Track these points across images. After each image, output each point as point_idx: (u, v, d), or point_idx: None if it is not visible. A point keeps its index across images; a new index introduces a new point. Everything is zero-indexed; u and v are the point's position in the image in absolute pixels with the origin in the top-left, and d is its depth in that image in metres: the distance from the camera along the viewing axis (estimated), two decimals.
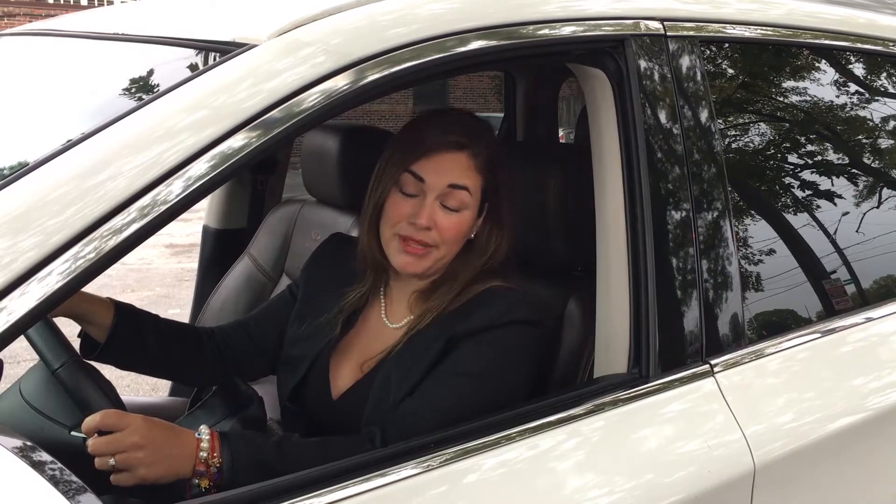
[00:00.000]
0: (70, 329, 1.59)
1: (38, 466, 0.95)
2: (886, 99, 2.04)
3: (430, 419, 1.39)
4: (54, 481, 0.93)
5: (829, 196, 1.87)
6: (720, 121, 1.64)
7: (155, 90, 1.21)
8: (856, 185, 1.96)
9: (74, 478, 0.96)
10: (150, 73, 1.33)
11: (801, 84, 1.91)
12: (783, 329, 1.66)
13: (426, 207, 1.49)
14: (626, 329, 1.44)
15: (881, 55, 1.98)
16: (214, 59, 1.21)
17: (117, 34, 1.53)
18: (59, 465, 0.97)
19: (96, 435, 1.29)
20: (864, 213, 1.93)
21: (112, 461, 1.27)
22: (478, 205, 1.54)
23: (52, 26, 1.75)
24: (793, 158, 1.91)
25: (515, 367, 1.48)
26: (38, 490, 0.92)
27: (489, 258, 1.56)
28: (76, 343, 1.63)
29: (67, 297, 1.02)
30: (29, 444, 1.00)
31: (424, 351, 1.48)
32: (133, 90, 1.32)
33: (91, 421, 1.30)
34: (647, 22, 1.49)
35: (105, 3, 18.29)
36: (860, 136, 2.04)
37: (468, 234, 1.55)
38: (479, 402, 1.42)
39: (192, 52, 1.31)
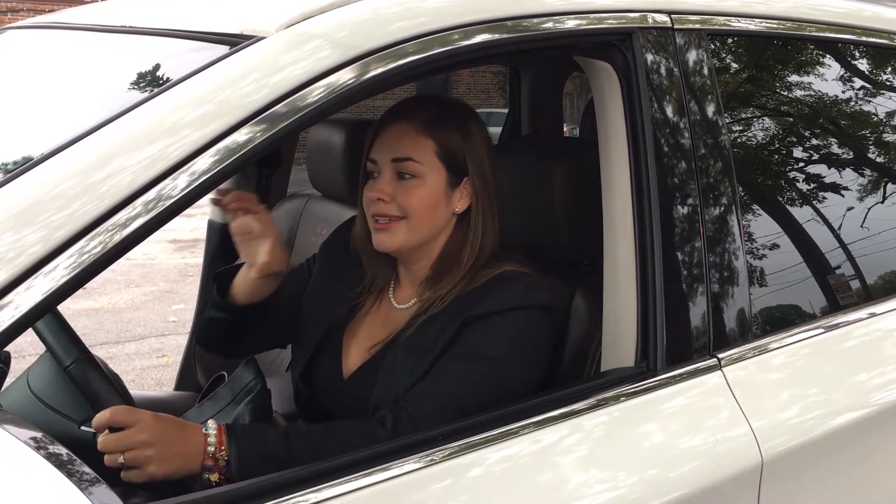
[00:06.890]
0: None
1: (52, 458, 0.95)
2: (892, 93, 2.03)
3: (445, 401, 1.39)
4: (68, 473, 0.94)
5: (836, 190, 1.86)
6: (727, 114, 1.63)
7: (162, 83, 1.21)
8: (862, 179, 1.95)
9: (88, 469, 0.96)
10: (157, 66, 1.33)
11: (807, 78, 1.90)
12: (790, 324, 1.66)
13: (378, 182, 1.53)
14: (634, 323, 1.44)
15: (887, 48, 1.97)
16: (222, 52, 1.20)
17: (123, 27, 1.53)
18: (73, 456, 0.98)
19: (107, 431, 1.29)
20: (870, 208, 1.92)
21: (121, 459, 1.27)
22: (443, 171, 1.53)
23: (58, 19, 1.75)
24: (799, 153, 1.90)
25: (530, 350, 1.48)
26: (53, 481, 0.92)
27: (482, 235, 1.55)
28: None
29: (73, 292, 1.02)
30: (42, 435, 1.00)
31: (438, 334, 1.47)
32: (139, 83, 1.31)
33: (101, 417, 1.30)
34: (654, 15, 1.49)
35: None
36: (866, 130, 2.03)
37: (438, 204, 1.53)
38: (495, 384, 1.42)
39: (199, 44, 1.30)
